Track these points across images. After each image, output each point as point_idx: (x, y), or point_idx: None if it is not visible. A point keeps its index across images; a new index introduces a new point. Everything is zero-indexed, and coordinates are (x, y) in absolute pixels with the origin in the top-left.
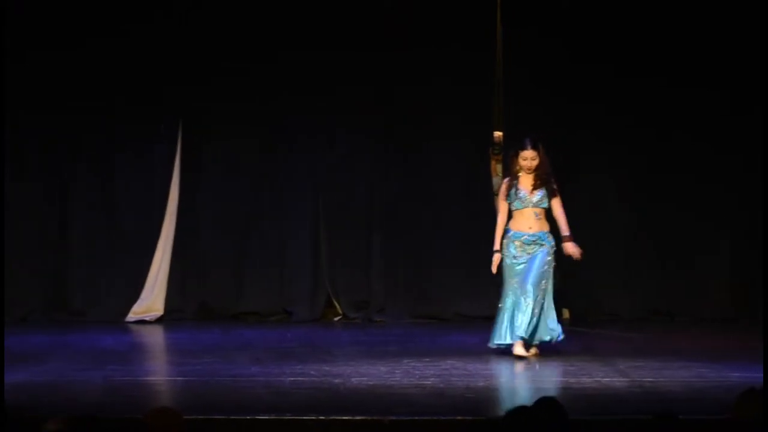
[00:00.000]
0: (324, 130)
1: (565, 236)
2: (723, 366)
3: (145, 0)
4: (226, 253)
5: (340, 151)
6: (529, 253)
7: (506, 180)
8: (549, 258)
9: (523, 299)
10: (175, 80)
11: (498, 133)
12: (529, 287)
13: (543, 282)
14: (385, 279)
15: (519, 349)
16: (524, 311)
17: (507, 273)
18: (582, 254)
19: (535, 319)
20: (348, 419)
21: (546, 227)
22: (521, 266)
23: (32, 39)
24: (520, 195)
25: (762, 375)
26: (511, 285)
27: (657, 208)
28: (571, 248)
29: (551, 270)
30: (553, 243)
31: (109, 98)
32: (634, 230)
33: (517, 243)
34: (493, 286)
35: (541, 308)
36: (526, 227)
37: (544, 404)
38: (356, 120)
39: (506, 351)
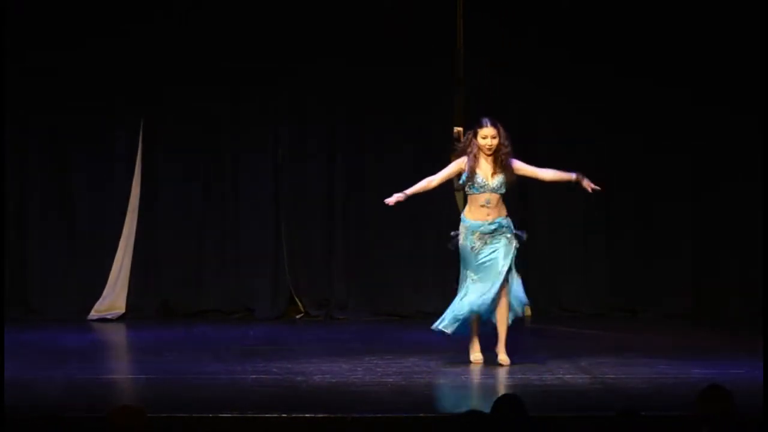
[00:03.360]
0: (284, 129)
1: (575, 176)
2: (684, 362)
3: None
4: (189, 250)
5: (300, 149)
6: (489, 244)
7: (464, 159)
8: (512, 246)
9: (484, 295)
10: (132, 80)
11: (458, 129)
12: (491, 280)
13: (503, 270)
14: (346, 276)
15: (477, 356)
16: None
17: (466, 261)
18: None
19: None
20: (310, 417)
21: (503, 212)
22: (483, 260)
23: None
24: (478, 180)
25: (715, 371)
26: (469, 277)
27: (619, 204)
28: (587, 183)
29: (513, 254)
30: (512, 228)
31: (66, 95)
32: (596, 227)
33: (476, 235)
34: (455, 283)
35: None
36: (484, 215)
37: (506, 402)
38: (316, 119)
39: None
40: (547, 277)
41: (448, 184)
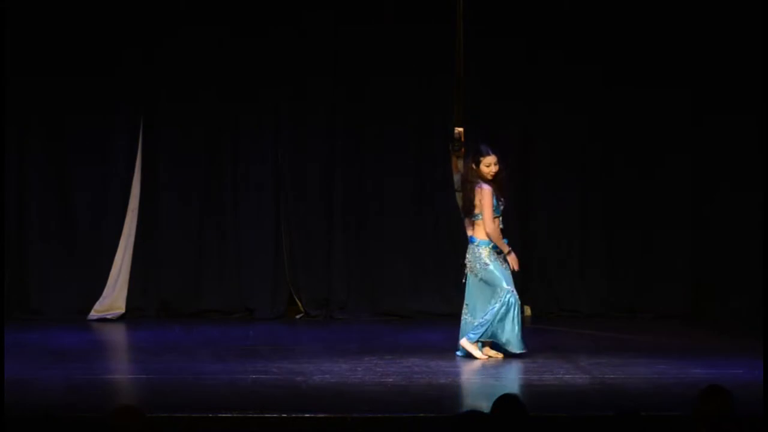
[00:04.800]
0: (283, 129)
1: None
2: (684, 362)
3: None
4: (188, 251)
5: (300, 149)
6: (500, 262)
7: (487, 188)
8: None
9: (516, 307)
10: (132, 80)
11: (459, 130)
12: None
13: None
14: (345, 276)
15: (485, 352)
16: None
17: (501, 277)
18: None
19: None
20: (310, 417)
21: None
22: (505, 269)
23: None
24: (501, 205)
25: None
26: (511, 290)
27: (618, 206)
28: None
29: None
30: None
31: (66, 95)
32: (595, 227)
33: (494, 252)
34: (454, 284)
35: None
36: (500, 234)
37: (506, 402)
38: (316, 119)
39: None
40: (547, 277)
41: (448, 184)
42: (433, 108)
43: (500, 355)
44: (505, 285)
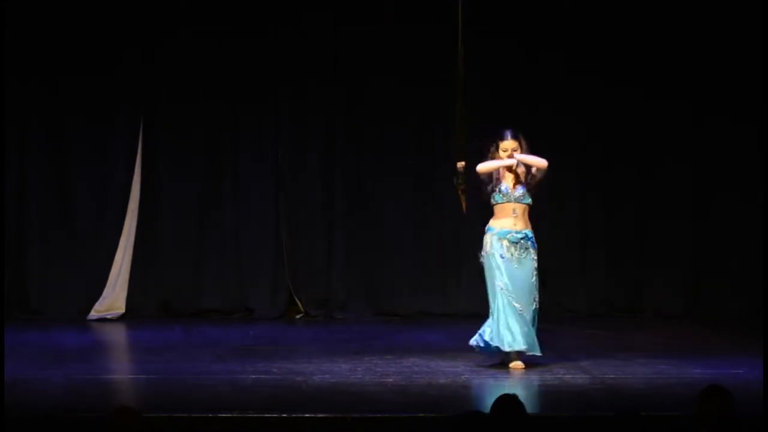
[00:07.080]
0: (283, 129)
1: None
2: (684, 362)
3: None
4: (188, 250)
5: (300, 150)
6: (516, 257)
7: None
8: (536, 266)
9: (517, 310)
10: (132, 80)
11: (460, 164)
12: (525, 302)
13: (535, 293)
14: (345, 276)
15: (518, 364)
16: (521, 322)
17: (496, 273)
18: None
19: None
20: (310, 417)
21: (529, 226)
22: (513, 269)
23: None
24: (502, 189)
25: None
26: (501, 287)
27: (616, 205)
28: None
29: (538, 277)
30: (536, 246)
31: (66, 95)
32: (594, 227)
33: (504, 242)
34: (455, 283)
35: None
36: (511, 224)
37: (506, 402)
38: (316, 119)
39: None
40: (548, 277)
41: (448, 181)
42: (433, 108)
43: (522, 366)
44: (497, 279)
